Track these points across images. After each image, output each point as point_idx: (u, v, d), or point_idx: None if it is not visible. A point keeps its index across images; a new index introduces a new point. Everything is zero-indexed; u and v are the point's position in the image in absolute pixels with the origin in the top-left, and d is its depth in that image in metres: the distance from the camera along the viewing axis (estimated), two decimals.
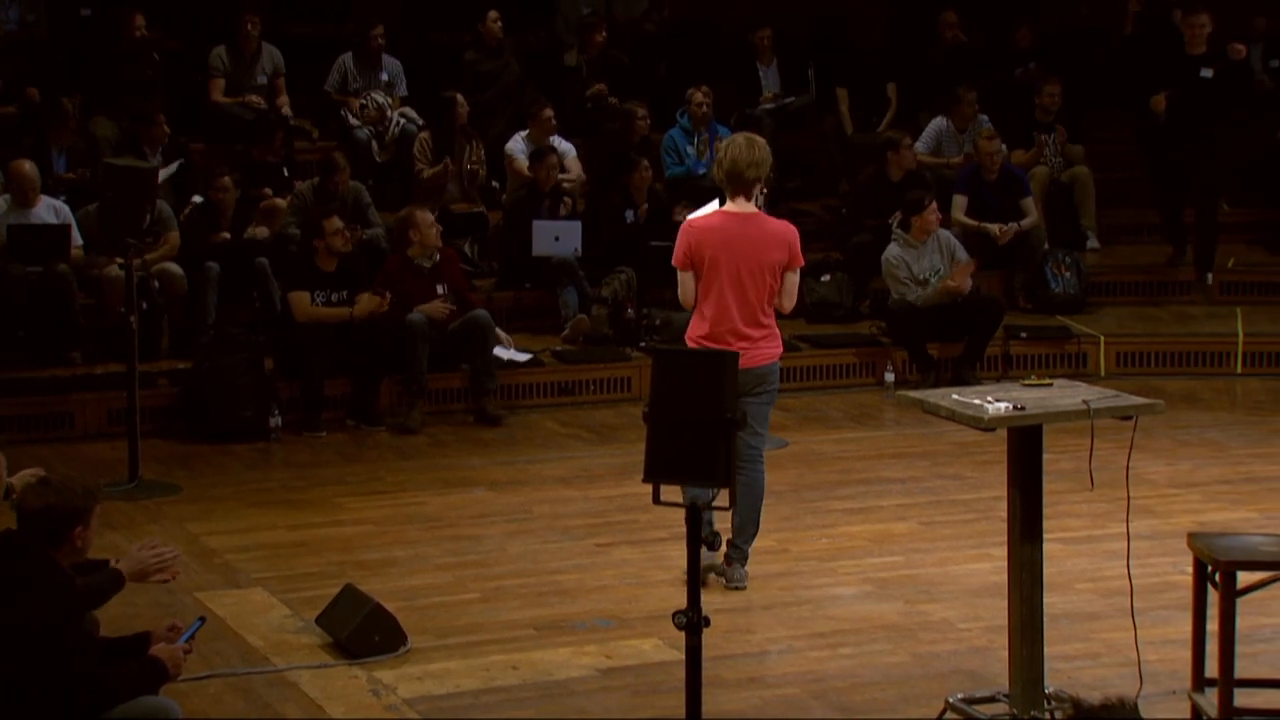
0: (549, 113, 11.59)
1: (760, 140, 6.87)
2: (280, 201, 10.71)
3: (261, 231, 10.42)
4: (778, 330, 6.94)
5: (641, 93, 12.50)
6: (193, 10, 12.58)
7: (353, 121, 11.91)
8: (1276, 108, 12.41)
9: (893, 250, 10.54)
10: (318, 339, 9.58)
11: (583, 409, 10.15)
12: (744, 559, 6.95)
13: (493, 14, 12.43)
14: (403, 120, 12.01)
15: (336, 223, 9.86)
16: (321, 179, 10.75)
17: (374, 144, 11.91)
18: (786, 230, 6.87)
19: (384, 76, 12.21)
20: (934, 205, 10.66)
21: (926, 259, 10.53)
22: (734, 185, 6.75)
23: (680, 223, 7.32)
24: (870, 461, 9.02)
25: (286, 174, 11.16)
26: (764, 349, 6.78)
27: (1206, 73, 11.01)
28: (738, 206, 6.79)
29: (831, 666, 6.14)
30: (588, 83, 12.67)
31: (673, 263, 6.86)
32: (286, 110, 11.80)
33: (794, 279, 6.87)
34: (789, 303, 6.91)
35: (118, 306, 8.93)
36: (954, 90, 12.20)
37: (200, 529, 7.82)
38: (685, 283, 6.84)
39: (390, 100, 12.09)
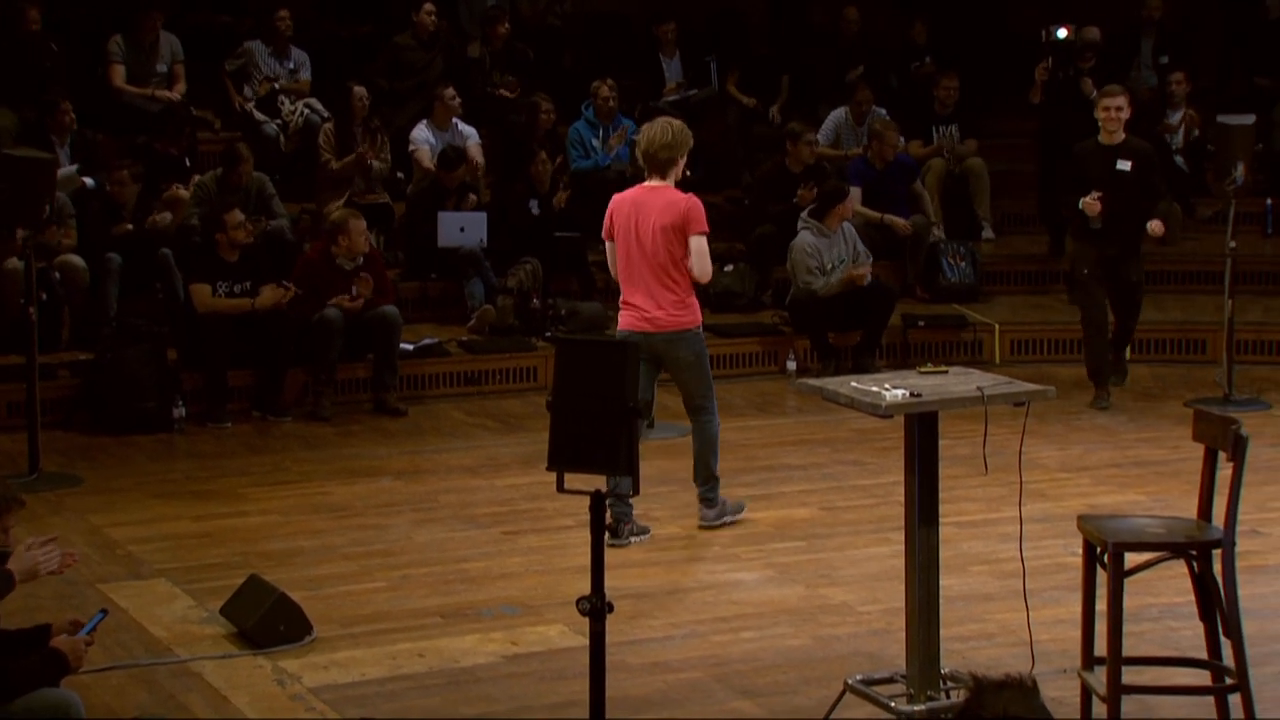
0: (451, 91, 11.58)
1: (678, 124, 7.43)
2: (184, 192, 10.63)
3: (165, 218, 10.34)
4: (688, 299, 7.37)
5: (546, 85, 12.52)
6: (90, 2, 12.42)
7: (259, 116, 11.84)
8: (1159, 105, 12.63)
9: (806, 238, 10.65)
10: (219, 330, 9.54)
11: (489, 399, 10.18)
12: (709, 503, 7.58)
13: (429, 6, 12.39)
14: (307, 110, 11.96)
15: (238, 216, 9.83)
16: (225, 170, 10.68)
17: (281, 136, 11.86)
18: (684, 198, 7.34)
19: (290, 65, 12.16)
20: (850, 195, 10.82)
21: (836, 249, 10.67)
22: (649, 165, 7.38)
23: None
24: (772, 449, 9.13)
25: (189, 164, 11.08)
26: (668, 315, 7.29)
27: (1124, 165, 9.69)
28: (652, 183, 7.37)
29: (734, 650, 6.23)
30: (491, 74, 12.67)
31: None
32: (178, 93, 11.65)
33: (696, 243, 7.28)
34: (697, 270, 7.33)
35: (17, 298, 8.83)
36: (852, 84, 12.32)
37: (102, 520, 7.78)
38: (609, 252, 7.48)
39: (297, 86, 12.05)
